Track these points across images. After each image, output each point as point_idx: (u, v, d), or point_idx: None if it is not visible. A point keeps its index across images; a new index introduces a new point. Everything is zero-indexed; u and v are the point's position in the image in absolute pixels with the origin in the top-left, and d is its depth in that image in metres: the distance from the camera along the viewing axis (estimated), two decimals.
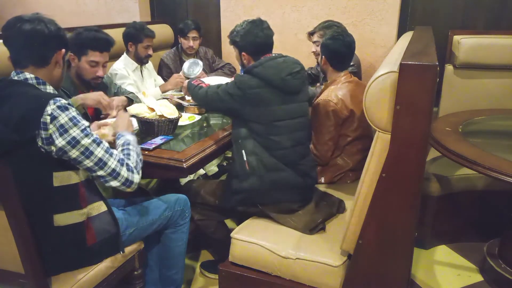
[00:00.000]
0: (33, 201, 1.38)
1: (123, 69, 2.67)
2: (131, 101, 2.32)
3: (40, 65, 1.40)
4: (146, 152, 1.78)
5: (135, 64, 2.75)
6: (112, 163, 1.43)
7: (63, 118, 1.32)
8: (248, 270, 1.72)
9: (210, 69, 3.30)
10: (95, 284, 1.56)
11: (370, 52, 3.12)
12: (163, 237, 1.86)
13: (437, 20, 3.04)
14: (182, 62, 3.13)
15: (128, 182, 1.47)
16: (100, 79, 2.10)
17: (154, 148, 1.80)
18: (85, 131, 1.38)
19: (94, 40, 2.01)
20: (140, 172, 1.52)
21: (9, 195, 1.30)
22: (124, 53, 2.76)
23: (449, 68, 2.88)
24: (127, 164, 1.48)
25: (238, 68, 3.13)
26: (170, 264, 1.89)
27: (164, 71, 3.15)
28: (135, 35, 2.68)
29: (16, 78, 1.39)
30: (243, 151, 1.82)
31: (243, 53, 1.92)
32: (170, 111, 1.98)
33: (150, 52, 2.75)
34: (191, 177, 2.93)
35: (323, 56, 2.13)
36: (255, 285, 1.70)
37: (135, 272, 1.77)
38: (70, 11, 4.03)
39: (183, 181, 2.71)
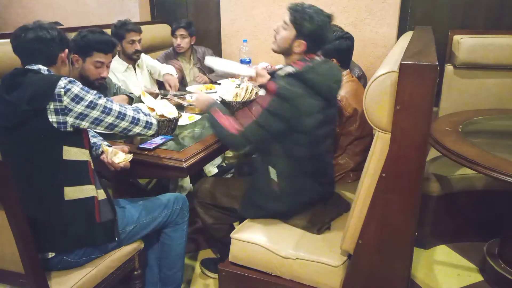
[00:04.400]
0: (43, 172, 1.46)
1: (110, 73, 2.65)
2: (131, 100, 2.33)
3: (48, 65, 1.52)
4: (146, 152, 1.78)
5: (126, 64, 2.72)
6: (130, 112, 1.58)
7: (75, 89, 1.43)
8: (248, 270, 1.72)
9: (209, 69, 3.28)
10: (95, 284, 1.57)
11: (370, 52, 3.12)
12: (162, 236, 1.86)
13: (437, 20, 3.04)
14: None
15: (148, 124, 1.63)
16: (103, 79, 2.12)
17: (154, 148, 1.80)
18: (98, 94, 1.50)
19: (100, 42, 2.02)
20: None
21: (9, 195, 1.30)
22: (116, 56, 2.73)
23: (449, 68, 2.88)
24: (143, 112, 1.65)
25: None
26: (169, 264, 1.89)
27: None
28: (117, 33, 2.66)
29: (29, 67, 1.49)
30: (271, 168, 1.72)
31: (301, 40, 1.67)
32: (170, 111, 1.98)
33: (138, 47, 2.70)
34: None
35: (332, 59, 2.10)
36: (255, 285, 1.70)
37: (135, 272, 1.77)
38: (70, 11, 4.03)
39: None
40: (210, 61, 2.39)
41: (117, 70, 2.70)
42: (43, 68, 1.49)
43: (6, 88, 1.43)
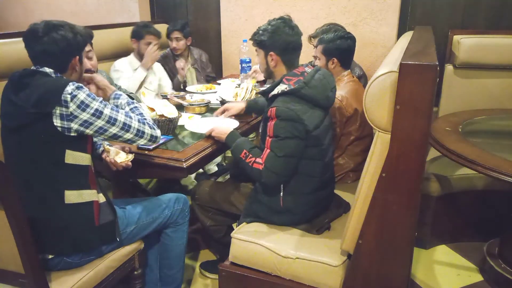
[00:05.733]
0: (45, 174, 1.45)
1: (122, 66, 2.69)
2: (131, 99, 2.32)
3: (60, 72, 1.49)
4: (146, 152, 1.78)
5: (139, 63, 2.75)
6: (135, 124, 1.55)
7: (81, 95, 1.42)
8: (248, 270, 1.72)
9: (203, 72, 3.27)
10: (95, 284, 1.57)
11: (370, 52, 3.12)
12: (163, 237, 1.86)
13: (437, 20, 3.04)
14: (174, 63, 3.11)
15: (153, 137, 1.61)
16: (90, 71, 2.05)
17: (154, 148, 1.80)
18: (103, 102, 1.49)
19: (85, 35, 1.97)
20: (158, 128, 1.65)
21: (9, 195, 1.30)
22: (131, 53, 2.78)
23: (449, 68, 2.88)
24: (148, 123, 1.60)
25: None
26: (170, 264, 1.89)
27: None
28: (137, 31, 2.72)
29: (38, 69, 1.47)
30: (280, 186, 1.71)
31: (271, 53, 1.71)
32: (170, 111, 1.98)
33: None
34: (191, 177, 2.92)
35: (333, 59, 2.10)
36: (255, 285, 1.70)
37: (135, 272, 1.77)
38: (70, 11, 4.02)
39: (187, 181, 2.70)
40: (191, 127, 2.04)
41: (131, 67, 2.72)
42: (49, 71, 1.47)
43: (13, 89, 1.42)
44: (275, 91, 1.67)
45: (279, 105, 1.60)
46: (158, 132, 1.63)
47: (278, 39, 1.68)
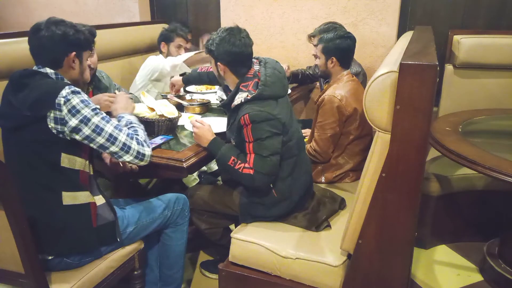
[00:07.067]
0: (42, 175, 1.46)
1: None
2: None
3: (54, 67, 1.50)
4: None
5: None
6: (122, 138, 1.50)
7: (75, 100, 1.41)
8: (248, 270, 1.72)
9: None
10: (95, 284, 1.57)
11: (370, 52, 3.12)
12: (163, 237, 1.86)
13: (437, 20, 3.04)
14: None
15: (140, 155, 1.53)
16: (92, 69, 2.06)
17: (154, 148, 1.80)
18: (95, 111, 1.46)
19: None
20: (150, 146, 1.59)
21: (9, 195, 1.30)
22: (159, 55, 2.78)
23: (449, 68, 2.88)
24: (136, 138, 1.54)
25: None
26: (170, 264, 1.89)
27: None
28: (167, 35, 2.75)
29: (38, 69, 1.49)
30: None
31: (218, 63, 1.75)
32: (170, 111, 1.99)
33: (182, 53, 2.75)
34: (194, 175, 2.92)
35: (332, 58, 2.11)
36: (255, 285, 1.70)
37: (135, 272, 1.77)
38: (70, 11, 4.02)
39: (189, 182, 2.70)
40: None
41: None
42: (50, 72, 1.47)
43: (13, 89, 1.42)
44: (237, 101, 1.71)
45: (248, 111, 1.64)
46: (146, 150, 1.55)
47: (223, 51, 1.72)
